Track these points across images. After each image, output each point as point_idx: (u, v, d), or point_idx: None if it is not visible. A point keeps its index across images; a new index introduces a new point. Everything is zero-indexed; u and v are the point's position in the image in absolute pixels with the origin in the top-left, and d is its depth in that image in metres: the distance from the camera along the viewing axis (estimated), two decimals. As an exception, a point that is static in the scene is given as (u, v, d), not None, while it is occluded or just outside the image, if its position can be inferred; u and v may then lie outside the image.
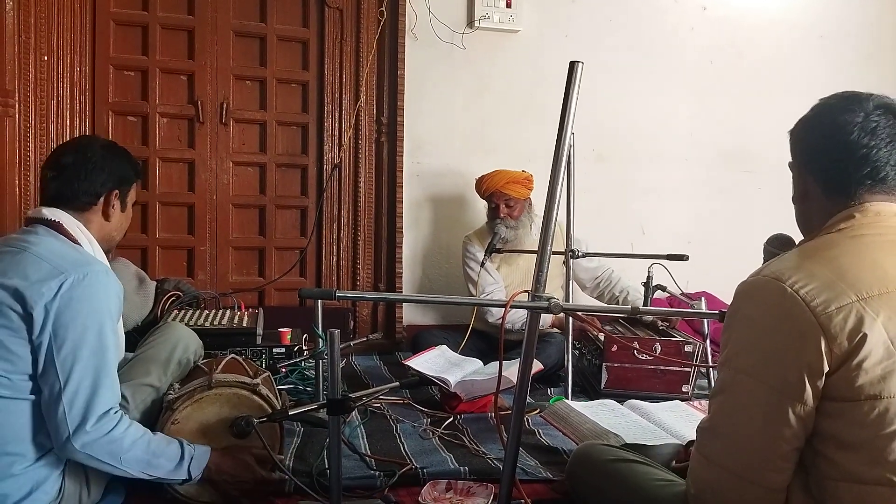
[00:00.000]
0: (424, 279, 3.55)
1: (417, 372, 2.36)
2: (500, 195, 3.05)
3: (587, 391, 2.69)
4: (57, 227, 1.57)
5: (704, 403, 2.34)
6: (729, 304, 1.20)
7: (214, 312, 2.67)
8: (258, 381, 1.72)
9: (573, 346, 2.59)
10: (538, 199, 2.92)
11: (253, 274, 3.44)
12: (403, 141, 3.41)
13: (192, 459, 1.53)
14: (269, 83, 3.37)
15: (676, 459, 1.76)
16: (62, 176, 1.62)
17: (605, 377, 2.60)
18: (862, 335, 1.04)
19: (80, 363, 1.41)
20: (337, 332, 1.44)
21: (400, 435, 2.15)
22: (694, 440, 1.30)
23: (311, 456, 1.94)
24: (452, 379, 2.28)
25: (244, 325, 2.54)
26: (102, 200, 1.66)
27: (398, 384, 2.05)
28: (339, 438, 1.48)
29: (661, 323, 2.79)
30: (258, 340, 2.55)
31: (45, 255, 1.47)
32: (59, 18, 3.04)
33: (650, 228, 3.78)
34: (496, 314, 3.00)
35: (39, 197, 1.70)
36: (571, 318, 2.52)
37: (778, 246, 2.28)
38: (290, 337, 2.64)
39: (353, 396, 1.58)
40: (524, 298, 1.39)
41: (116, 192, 1.68)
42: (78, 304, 1.42)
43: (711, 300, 3.30)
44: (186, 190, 3.33)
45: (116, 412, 1.45)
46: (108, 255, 1.72)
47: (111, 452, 1.42)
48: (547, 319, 2.96)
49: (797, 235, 1.34)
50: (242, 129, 3.39)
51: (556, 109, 1.37)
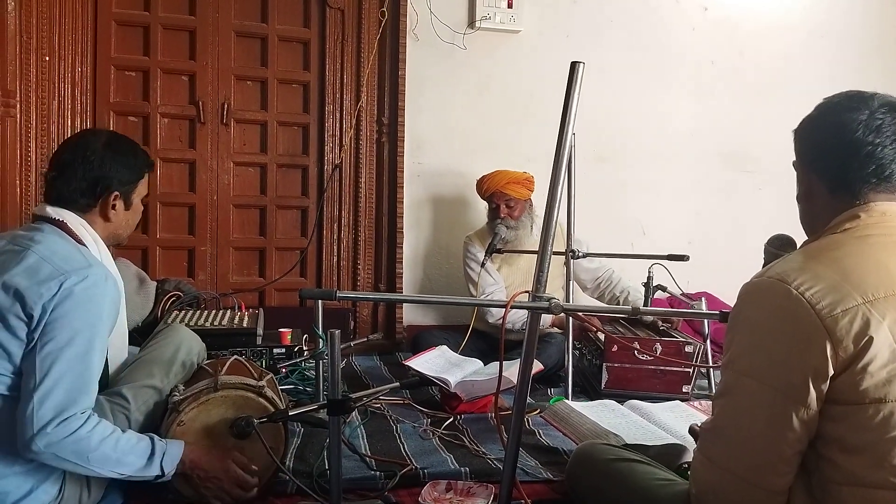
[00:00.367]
0: (425, 279, 3.55)
1: (418, 372, 2.36)
2: (500, 195, 3.05)
3: (587, 391, 2.69)
4: (62, 225, 1.57)
5: (705, 404, 2.34)
6: (729, 304, 1.20)
7: (215, 313, 2.67)
8: (263, 382, 1.72)
9: (573, 346, 2.59)
10: (539, 199, 2.91)
11: (253, 274, 3.44)
12: (404, 141, 3.41)
13: (164, 455, 1.50)
14: (270, 83, 3.38)
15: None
16: (61, 177, 1.62)
17: (605, 377, 2.60)
18: (868, 338, 1.04)
19: (60, 364, 1.39)
20: (337, 332, 1.44)
21: (400, 435, 2.15)
22: None
23: (311, 456, 1.94)
24: (453, 379, 2.28)
25: (244, 325, 2.54)
26: (101, 202, 1.65)
27: (398, 384, 2.05)
28: (339, 439, 1.48)
29: (661, 323, 2.79)
30: (258, 341, 2.55)
31: (48, 255, 1.47)
32: (60, 19, 3.04)
33: (651, 229, 3.78)
34: (497, 315, 3.00)
35: (43, 197, 1.68)
36: (572, 318, 2.52)
37: (778, 246, 2.28)
38: (290, 337, 2.64)
39: (353, 397, 1.58)
40: (525, 299, 1.39)
41: (117, 193, 1.66)
42: (73, 305, 1.42)
43: (712, 300, 3.30)
44: (187, 190, 3.33)
45: (84, 412, 1.42)
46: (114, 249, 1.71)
47: (77, 452, 1.39)
48: (547, 319, 2.96)
49: (798, 235, 1.34)
50: (243, 129, 3.39)
51: (557, 110, 1.37)
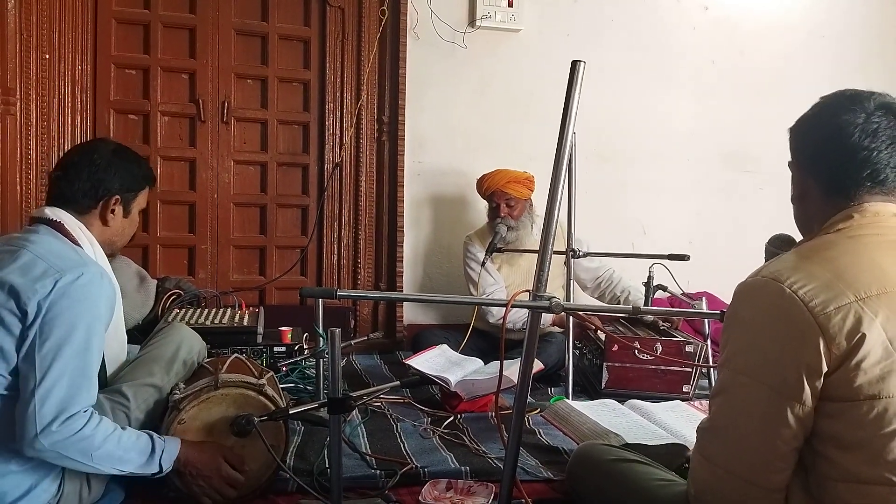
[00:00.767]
0: (425, 278, 3.55)
1: (418, 371, 2.36)
2: (500, 194, 3.05)
3: (588, 391, 2.69)
4: (58, 226, 1.58)
5: (705, 403, 2.34)
6: (729, 304, 1.20)
7: (215, 311, 2.67)
8: (264, 381, 1.72)
9: (574, 345, 2.59)
10: (539, 198, 2.91)
11: (254, 273, 3.44)
12: (405, 140, 3.41)
13: (163, 451, 1.51)
14: (270, 82, 3.38)
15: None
16: (66, 176, 1.63)
17: (605, 377, 2.60)
18: (861, 335, 1.04)
19: (59, 361, 1.39)
20: (338, 330, 1.44)
21: (400, 434, 2.15)
22: None
23: (311, 455, 1.94)
24: (453, 378, 2.28)
25: (245, 323, 2.54)
26: (102, 204, 1.66)
27: (399, 383, 2.05)
28: (339, 437, 1.47)
29: (661, 323, 2.79)
30: (259, 339, 2.55)
31: (42, 254, 1.47)
32: (60, 17, 3.04)
33: (651, 228, 3.78)
34: (497, 314, 3.00)
35: (45, 196, 1.70)
36: (572, 317, 2.52)
37: (779, 246, 2.28)
38: (290, 336, 2.64)
39: (353, 395, 1.59)
40: (525, 298, 1.39)
41: (118, 197, 1.68)
42: (69, 303, 1.42)
43: (712, 300, 3.30)
44: (187, 188, 3.33)
45: (86, 411, 1.43)
46: (110, 259, 1.72)
47: (82, 450, 1.41)
48: (548, 319, 2.96)
49: (798, 235, 1.34)
50: (244, 127, 3.39)
51: (557, 109, 1.37)
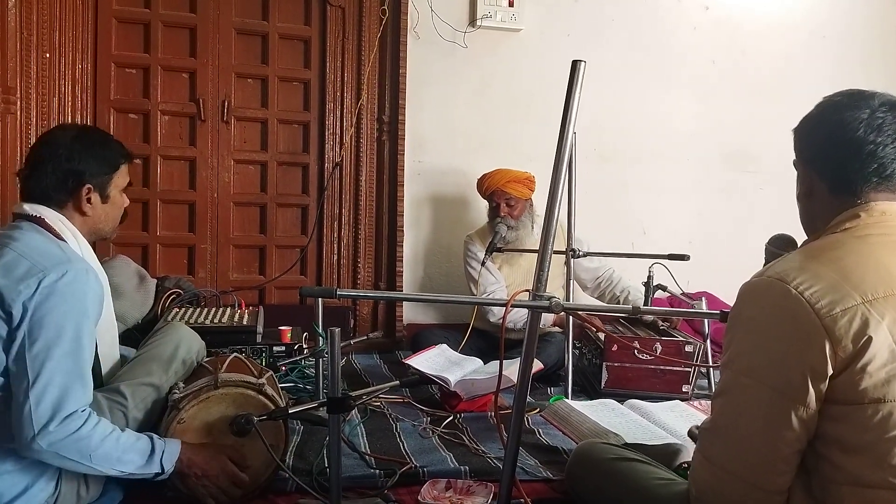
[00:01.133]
0: (425, 278, 3.54)
1: (417, 371, 2.36)
2: (501, 194, 3.05)
3: (587, 391, 2.69)
4: (40, 222, 1.55)
5: (705, 403, 2.34)
6: (730, 304, 1.20)
7: (215, 310, 2.67)
8: (263, 380, 1.72)
9: (573, 345, 2.59)
10: (540, 198, 2.91)
11: (253, 272, 3.44)
12: (405, 139, 3.41)
13: (163, 453, 1.50)
14: (270, 81, 3.37)
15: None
16: (33, 175, 1.60)
17: (605, 377, 2.60)
18: (867, 338, 1.03)
19: (51, 361, 1.38)
20: (337, 330, 1.43)
21: (400, 434, 2.15)
22: None
23: (311, 454, 1.94)
24: (452, 378, 2.28)
25: (244, 323, 2.54)
26: (74, 197, 1.62)
27: (398, 383, 2.05)
28: (339, 437, 1.47)
29: (661, 323, 2.79)
30: (258, 339, 2.55)
31: (26, 252, 1.45)
32: (60, 16, 3.04)
33: (651, 228, 3.78)
34: (497, 314, 3.00)
35: (19, 193, 1.65)
36: (572, 317, 2.52)
37: (779, 246, 2.27)
38: (290, 335, 2.64)
39: (353, 395, 1.58)
40: (525, 298, 1.39)
41: (89, 186, 1.63)
42: (56, 301, 1.40)
43: (712, 300, 3.30)
44: (187, 188, 3.33)
45: (84, 411, 1.42)
46: (103, 242, 1.68)
47: (80, 450, 1.40)
48: (548, 319, 2.96)
49: (799, 235, 1.33)
50: (244, 126, 3.38)
51: (557, 109, 1.37)
